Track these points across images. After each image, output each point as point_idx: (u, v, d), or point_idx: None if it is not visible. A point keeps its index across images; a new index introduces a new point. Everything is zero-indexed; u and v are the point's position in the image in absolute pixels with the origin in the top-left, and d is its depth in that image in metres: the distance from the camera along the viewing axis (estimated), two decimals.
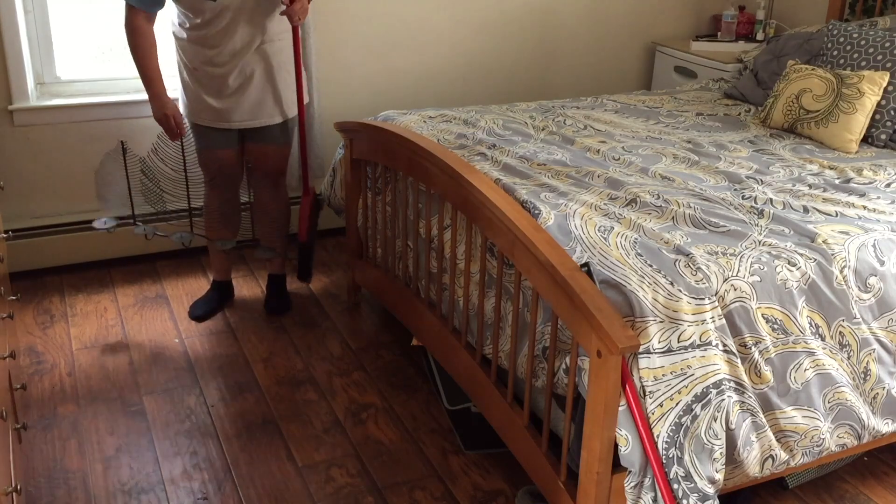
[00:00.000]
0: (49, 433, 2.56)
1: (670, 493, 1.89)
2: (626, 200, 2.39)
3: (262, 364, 2.95)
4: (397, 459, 2.50)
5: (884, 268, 2.18)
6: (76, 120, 3.41)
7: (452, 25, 3.97)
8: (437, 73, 4.02)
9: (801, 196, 2.49)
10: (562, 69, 4.31)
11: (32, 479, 2.37)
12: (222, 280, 3.34)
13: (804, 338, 2.06)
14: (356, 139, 3.04)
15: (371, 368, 2.95)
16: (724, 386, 1.93)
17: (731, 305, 1.98)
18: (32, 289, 3.39)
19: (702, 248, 2.10)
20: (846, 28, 3.27)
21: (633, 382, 1.86)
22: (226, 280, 3.35)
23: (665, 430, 1.87)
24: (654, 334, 1.87)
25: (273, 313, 3.27)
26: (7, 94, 3.29)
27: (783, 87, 3.20)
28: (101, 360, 2.94)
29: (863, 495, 2.41)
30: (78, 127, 3.42)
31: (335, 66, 3.79)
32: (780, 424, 2.04)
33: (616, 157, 2.77)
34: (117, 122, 3.49)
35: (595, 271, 2.00)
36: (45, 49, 3.40)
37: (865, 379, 2.16)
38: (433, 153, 2.50)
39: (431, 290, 2.73)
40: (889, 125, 3.01)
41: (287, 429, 2.61)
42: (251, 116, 2.97)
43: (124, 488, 2.35)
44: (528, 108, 3.37)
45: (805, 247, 2.15)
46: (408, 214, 2.81)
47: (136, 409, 2.69)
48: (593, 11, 4.26)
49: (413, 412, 2.71)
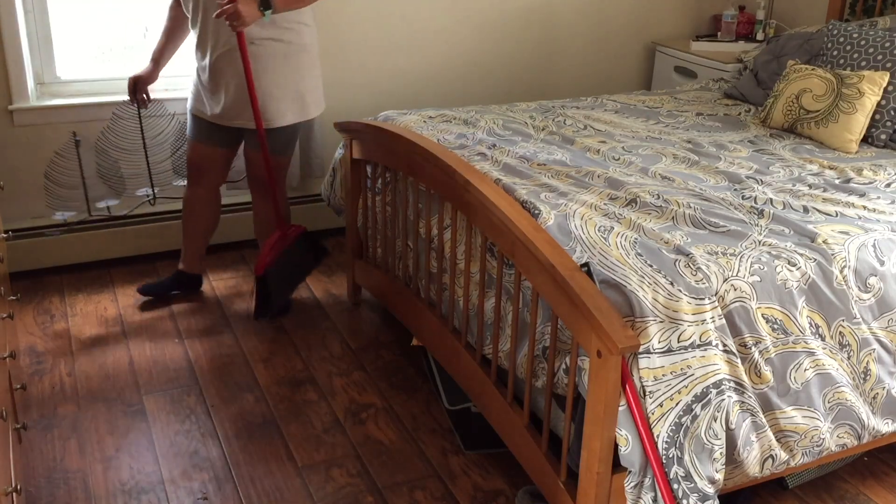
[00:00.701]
0: (49, 433, 2.56)
1: (670, 493, 1.89)
2: (626, 200, 2.39)
3: (262, 364, 2.95)
4: (397, 459, 2.50)
5: (884, 268, 2.18)
6: (76, 120, 3.41)
7: (452, 25, 3.97)
8: (437, 73, 4.02)
9: (801, 196, 2.49)
10: (562, 69, 4.31)
11: (32, 479, 2.37)
12: (185, 270, 3.34)
13: (804, 338, 2.06)
14: (356, 139, 3.04)
15: (371, 368, 2.95)
16: (724, 386, 1.93)
17: (731, 305, 1.98)
18: (32, 289, 3.39)
19: (702, 248, 2.10)
20: (846, 28, 3.27)
21: (633, 382, 1.86)
22: (189, 272, 3.34)
23: (665, 430, 1.87)
24: (654, 334, 1.87)
25: (260, 318, 3.23)
26: (7, 94, 3.29)
27: (783, 87, 3.20)
28: (101, 360, 2.94)
29: (863, 495, 2.41)
30: (78, 127, 3.42)
31: (335, 66, 3.79)
32: (780, 424, 2.04)
33: (616, 157, 2.77)
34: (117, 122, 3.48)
35: (595, 271, 2.00)
36: (45, 49, 3.40)
37: (865, 379, 2.16)
38: (433, 153, 2.50)
39: (431, 290, 2.73)
40: (889, 125, 3.01)
41: (287, 429, 2.61)
42: (224, 115, 2.97)
43: (124, 488, 2.35)
44: (528, 108, 3.37)
45: (805, 247, 2.15)
46: (408, 214, 2.81)
47: (136, 409, 2.69)
48: (593, 11, 4.26)
49: (413, 412, 2.71)
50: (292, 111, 3.00)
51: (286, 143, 3.08)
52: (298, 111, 3.02)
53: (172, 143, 3.56)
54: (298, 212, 3.81)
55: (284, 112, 2.98)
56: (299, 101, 3.01)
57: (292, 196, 3.84)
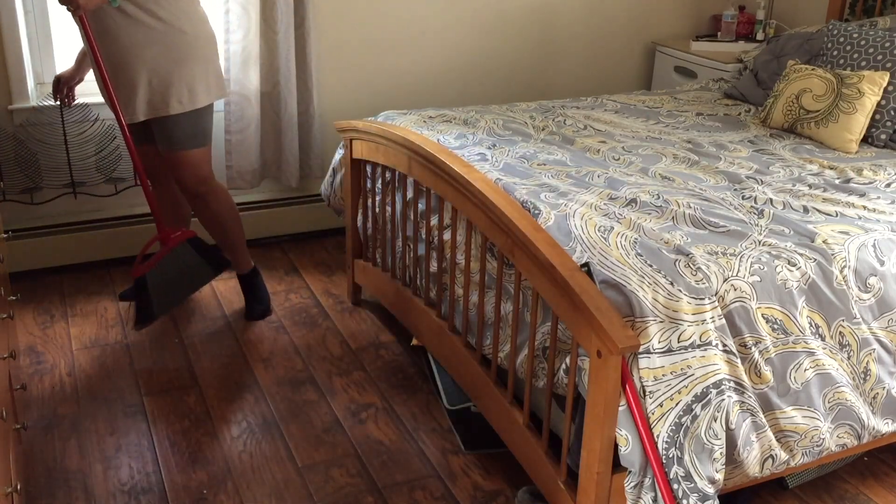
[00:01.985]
0: (49, 433, 2.56)
1: (670, 493, 1.89)
2: (626, 200, 2.39)
3: (262, 364, 2.95)
4: (397, 459, 2.50)
5: (884, 268, 2.18)
6: (76, 120, 3.41)
7: (452, 25, 3.97)
8: (437, 73, 4.02)
9: (801, 196, 2.49)
10: (562, 69, 4.31)
11: (32, 479, 2.37)
12: None
13: (804, 338, 2.06)
14: (356, 139, 3.04)
15: (371, 368, 2.95)
16: (724, 386, 1.93)
17: (731, 305, 1.98)
18: (32, 289, 3.39)
19: (702, 248, 2.10)
20: (846, 28, 3.27)
21: (633, 382, 1.86)
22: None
23: (665, 430, 1.87)
24: (654, 334, 1.87)
25: (253, 319, 3.19)
26: (7, 94, 3.29)
27: (783, 87, 3.20)
28: (101, 360, 2.94)
29: (863, 495, 2.41)
30: (78, 127, 3.42)
31: (335, 66, 3.79)
32: (780, 424, 2.04)
33: (616, 157, 2.77)
34: None
35: (595, 271, 2.00)
36: (45, 49, 3.40)
37: (865, 379, 2.16)
38: (433, 153, 2.50)
39: (431, 290, 2.73)
40: (889, 125, 3.01)
41: (287, 429, 2.62)
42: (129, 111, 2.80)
43: (124, 488, 2.35)
44: (528, 108, 3.37)
45: (805, 247, 2.15)
46: (408, 214, 2.81)
47: (136, 409, 2.69)
48: (593, 11, 4.26)
49: (413, 412, 2.71)
50: (180, 101, 2.80)
51: (184, 136, 2.86)
52: (187, 100, 2.82)
53: (97, 143, 3.47)
54: (298, 212, 3.82)
55: (172, 98, 2.79)
56: (188, 89, 2.81)
57: (292, 196, 3.85)
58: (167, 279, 2.87)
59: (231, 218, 3.06)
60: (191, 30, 2.79)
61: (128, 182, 3.56)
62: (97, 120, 3.43)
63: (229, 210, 3.05)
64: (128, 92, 2.76)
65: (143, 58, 2.72)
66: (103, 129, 3.46)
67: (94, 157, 3.48)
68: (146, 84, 2.76)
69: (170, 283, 2.89)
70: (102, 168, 3.51)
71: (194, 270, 2.97)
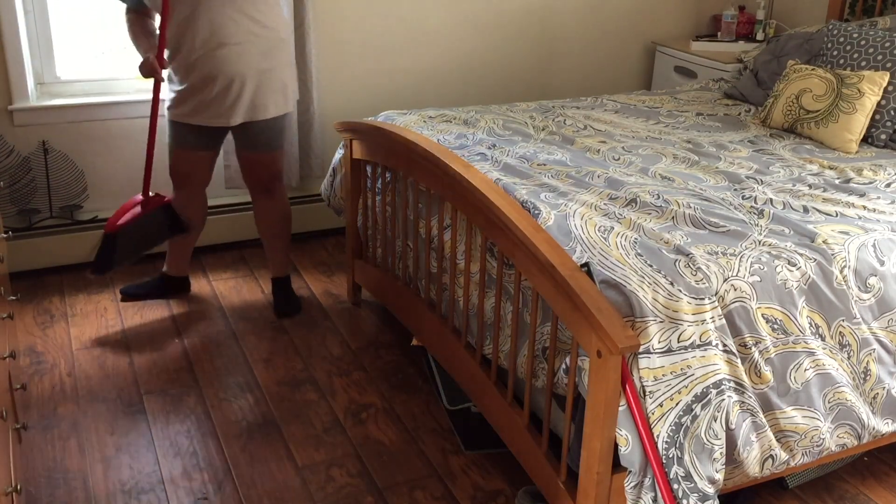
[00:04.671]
0: (49, 433, 2.56)
1: (670, 493, 1.89)
2: (626, 200, 2.39)
3: (262, 364, 2.95)
4: (397, 459, 2.50)
5: (884, 268, 2.18)
6: (76, 120, 3.41)
7: (452, 25, 3.97)
8: (437, 73, 4.02)
9: (801, 196, 2.49)
10: (562, 69, 4.31)
11: (32, 479, 2.37)
12: (170, 274, 3.33)
13: (804, 338, 2.06)
14: (356, 139, 3.04)
15: (371, 368, 2.95)
16: (724, 386, 1.93)
17: (731, 305, 1.98)
18: (32, 289, 3.39)
19: (702, 248, 2.10)
20: (846, 28, 3.27)
21: (633, 382, 1.86)
22: (175, 276, 3.33)
23: (665, 430, 1.87)
24: (654, 334, 1.87)
25: (284, 317, 3.24)
26: (7, 94, 3.29)
27: (783, 87, 3.20)
28: (101, 360, 2.94)
29: (863, 495, 2.41)
30: (78, 127, 3.42)
31: (335, 66, 3.79)
32: (780, 424, 2.04)
33: (616, 157, 2.77)
34: (117, 122, 3.49)
35: (595, 271, 2.00)
36: (45, 49, 3.40)
37: (865, 379, 2.16)
38: (433, 153, 2.50)
39: (431, 290, 2.73)
40: (889, 125, 3.01)
41: (287, 429, 2.61)
42: (242, 115, 2.95)
43: (124, 488, 2.35)
44: (528, 108, 3.37)
45: (805, 247, 2.15)
46: (408, 214, 2.81)
47: (136, 409, 2.69)
48: (593, 11, 4.26)
49: (413, 412, 2.71)
50: (276, 104, 2.98)
51: (274, 137, 3.03)
52: (282, 103, 3.00)
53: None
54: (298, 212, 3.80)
55: (273, 104, 2.96)
56: (283, 93, 2.98)
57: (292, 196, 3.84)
58: (132, 239, 3.06)
59: (289, 218, 3.25)
60: (287, 36, 2.98)
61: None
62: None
63: (289, 211, 3.25)
64: (234, 97, 2.87)
65: (252, 64, 2.85)
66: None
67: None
68: (252, 89, 2.88)
69: (134, 241, 3.08)
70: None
71: (156, 232, 3.15)
